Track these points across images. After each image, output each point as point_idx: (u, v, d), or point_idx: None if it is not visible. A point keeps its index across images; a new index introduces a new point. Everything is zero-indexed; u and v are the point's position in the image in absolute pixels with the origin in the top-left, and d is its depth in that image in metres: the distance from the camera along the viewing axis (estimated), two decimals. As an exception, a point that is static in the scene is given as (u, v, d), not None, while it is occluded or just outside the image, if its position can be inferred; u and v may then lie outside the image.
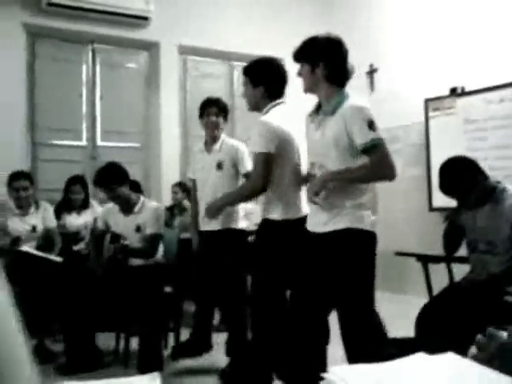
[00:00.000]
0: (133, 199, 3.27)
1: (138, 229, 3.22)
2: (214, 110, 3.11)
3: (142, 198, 3.32)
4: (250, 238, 3.25)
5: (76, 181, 4.09)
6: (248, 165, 2.95)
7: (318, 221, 2.13)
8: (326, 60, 2.11)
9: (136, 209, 3.25)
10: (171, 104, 5.25)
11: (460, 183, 2.43)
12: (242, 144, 3.16)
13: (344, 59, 2.15)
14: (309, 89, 2.20)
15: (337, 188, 2.06)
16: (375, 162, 2.01)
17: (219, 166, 3.01)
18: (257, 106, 2.54)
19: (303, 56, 2.17)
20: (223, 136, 3.16)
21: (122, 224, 3.23)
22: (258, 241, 2.54)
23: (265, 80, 2.50)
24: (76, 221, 4.01)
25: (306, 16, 5.80)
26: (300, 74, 2.20)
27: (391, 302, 4.45)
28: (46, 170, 4.81)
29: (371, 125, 2.00)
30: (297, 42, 2.22)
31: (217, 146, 3.10)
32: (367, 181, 2.08)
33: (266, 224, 2.48)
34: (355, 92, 2.18)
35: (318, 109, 2.20)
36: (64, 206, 4.06)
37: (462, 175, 2.43)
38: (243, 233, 3.16)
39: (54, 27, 4.78)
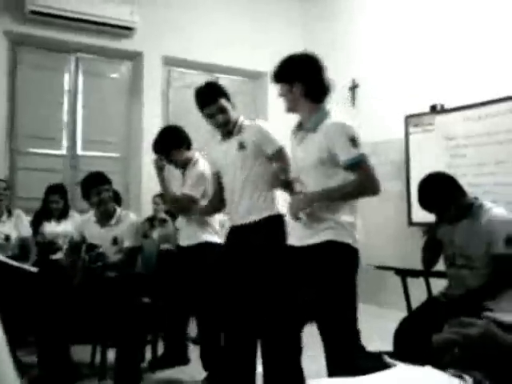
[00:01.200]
0: (111, 210, 3.24)
1: (115, 241, 3.18)
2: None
3: (119, 210, 3.29)
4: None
5: (55, 189, 4.06)
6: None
7: (301, 235, 2.13)
8: (302, 78, 2.14)
9: (113, 220, 3.22)
10: (154, 115, 5.23)
11: (438, 199, 2.47)
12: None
13: (320, 75, 2.17)
14: (290, 108, 2.22)
15: (320, 204, 2.07)
16: (361, 179, 2.03)
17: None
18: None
19: (281, 76, 2.20)
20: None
21: (98, 235, 3.20)
22: (269, 237, 2.50)
23: None
24: (54, 229, 3.96)
25: (291, 31, 5.88)
26: (281, 94, 2.22)
27: (370, 315, 4.47)
28: (24, 178, 4.74)
29: (354, 142, 2.02)
30: (281, 56, 2.25)
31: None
32: (353, 198, 2.10)
33: (274, 220, 2.49)
34: (338, 108, 2.20)
35: (300, 125, 2.22)
36: (43, 215, 4.01)
37: (440, 191, 2.46)
38: (219, 246, 3.12)
39: (37, 35, 4.75)
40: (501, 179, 4.03)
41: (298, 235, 2.17)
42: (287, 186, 2.27)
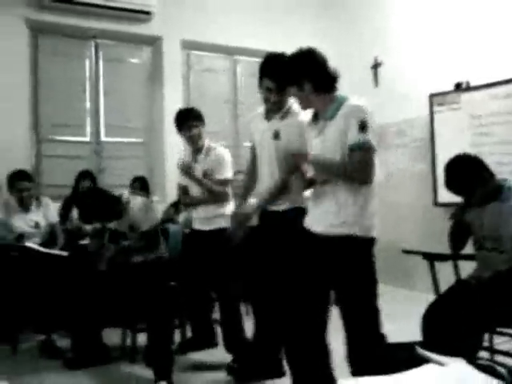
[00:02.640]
0: (123, 205, 3.22)
1: (132, 228, 3.22)
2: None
3: (125, 195, 3.29)
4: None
5: (85, 175, 4.17)
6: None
7: (325, 222, 2.11)
8: (307, 75, 2.12)
9: (126, 211, 3.22)
10: (175, 99, 5.22)
11: (466, 181, 2.44)
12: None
13: (323, 66, 2.15)
14: (305, 106, 2.25)
15: (344, 190, 2.06)
16: (352, 163, 2.01)
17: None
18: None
19: (286, 81, 2.23)
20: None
21: (115, 224, 3.23)
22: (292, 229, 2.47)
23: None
24: None
25: (311, 10, 5.78)
26: (292, 95, 2.25)
27: (397, 298, 4.48)
28: (49, 165, 4.81)
29: (363, 126, 2.00)
30: (301, 36, 2.22)
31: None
32: (339, 177, 2.07)
33: (297, 211, 2.48)
34: (360, 91, 2.18)
35: (316, 117, 2.22)
36: (73, 200, 4.12)
37: (468, 173, 2.43)
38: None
39: (57, 22, 4.76)
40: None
41: (319, 220, 2.15)
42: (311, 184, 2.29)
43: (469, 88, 4.44)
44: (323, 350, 2.18)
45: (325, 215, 2.11)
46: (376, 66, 5.43)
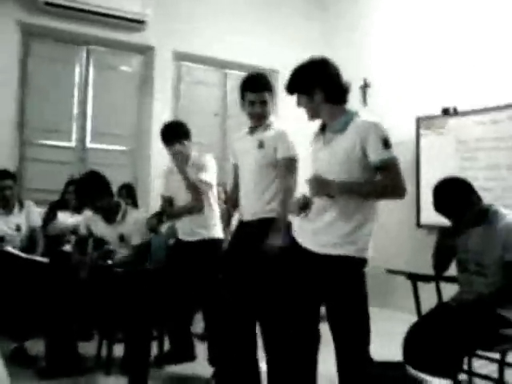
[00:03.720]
0: (114, 208, 3.23)
1: (122, 238, 3.19)
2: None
3: (123, 206, 3.28)
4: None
5: (73, 182, 4.15)
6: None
7: (318, 240, 2.09)
8: (319, 85, 2.11)
9: (118, 217, 3.22)
10: (163, 109, 5.22)
11: (454, 204, 2.46)
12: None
13: (336, 77, 2.14)
14: (312, 116, 2.20)
15: (343, 210, 2.05)
16: (388, 180, 2.01)
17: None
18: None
19: (296, 88, 2.17)
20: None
21: (105, 232, 3.22)
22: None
23: None
24: (66, 221, 3.99)
25: (302, 29, 5.85)
26: (300, 105, 2.20)
27: (379, 318, 4.47)
28: (33, 169, 4.74)
29: (386, 142, 2.00)
30: (291, 54, 2.22)
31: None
32: (377, 197, 2.08)
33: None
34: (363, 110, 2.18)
35: (323, 128, 2.20)
36: (59, 205, 4.09)
37: (457, 196, 2.46)
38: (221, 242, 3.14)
39: (49, 27, 4.74)
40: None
41: (312, 239, 2.13)
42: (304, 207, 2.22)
43: (456, 113, 4.52)
44: (311, 366, 2.16)
45: (319, 232, 2.09)
46: (365, 86, 5.49)
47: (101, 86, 5.12)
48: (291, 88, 2.19)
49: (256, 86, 2.61)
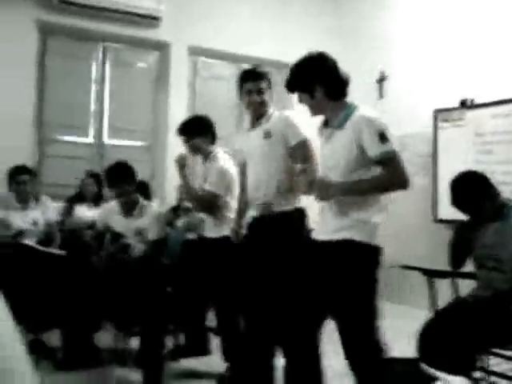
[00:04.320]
0: (136, 201, 3.26)
1: (139, 232, 3.20)
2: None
3: (141, 201, 3.30)
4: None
5: (92, 174, 4.21)
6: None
7: (327, 229, 2.10)
8: (319, 81, 2.09)
9: (136, 211, 3.24)
10: (180, 104, 5.24)
11: (473, 199, 2.43)
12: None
13: (335, 71, 2.12)
14: (315, 112, 2.19)
15: (349, 198, 2.04)
16: (387, 174, 1.99)
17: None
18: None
19: (296, 86, 2.16)
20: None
21: (122, 226, 3.22)
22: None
23: None
24: (84, 214, 4.06)
25: (317, 21, 5.80)
26: (301, 102, 2.19)
27: (393, 314, 4.43)
28: (52, 165, 4.81)
29: (382, 136, 1.98)
30: (306, 47, 2.20)
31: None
32: (381, 191, 2.06)
33: (295, 213, 2.52)
34: (365, 100, 2.16)
35: (326, 123, 2.18)
36: (76, 199, 4.16)
37: (475, 191, 2.42)
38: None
39: (66, 24, 4.79)
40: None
41: (323, 229, 2.14)
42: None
43: (474, 105, 4.44)
44: (315, 348, 2.15)
45: (327, 222, 2.10)
46: (381, 79, 5.43)
47: (117, 82, 5.16)
48: (291, 86, 2.18)
49: (252, 75, 2.69)
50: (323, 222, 2.14)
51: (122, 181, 3.16)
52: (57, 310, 3.19)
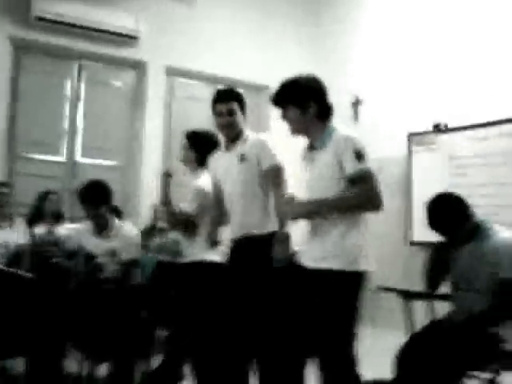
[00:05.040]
0: (108, 221, 3.19)
1: (113, 253, 3.13)
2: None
3: (117, 222, 3.24)
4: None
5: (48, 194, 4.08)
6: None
7: (312, 255, 2.08)
8: (314, 98, 2.11)
9: (111, 232, 3.17)
10: (155, 124, 5.21)
11: (448, 220, 2.44)
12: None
13: (327, 95, 2.17)
14: (298, 131, 2.17)
15: (332, 223, 2.02)
16: (361, 192, 1.99)
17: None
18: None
19: (290, 99, 2.13)
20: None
21: (95, 246, 3.14)
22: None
23: None
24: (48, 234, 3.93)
25: (293, 47, 5.88)
26: (287, 117, 2.16)
27: (368, 336, 4.41)
28: (22, 183, 4.68)
29: (359, 155, 1.99)
30: (283, 70, 2.22)
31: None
32: (349, 210, 2.02)
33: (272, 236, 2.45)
34: (341, 124, 2.17)
35: (311, 147, 2.19)
36: (36, 218, 4.02)
37: (450, 212, 2.44)
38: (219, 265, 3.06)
39: (41, 41, 4.73)
40: (503, 201, 4.01)
41: (308, 255, 2.11)
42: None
43: (447, 129, 4.53)
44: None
45: (310, 247, 2.09)
46: (357, 103, 5.51)
47: (92, 100, 5.10)
48: (283, 99, 2.15)
49: (223, 96, 2.64)
50: (307, 246, 2.12)
51: (97, 201, 3.09)
52: (22, 334, 3.05)
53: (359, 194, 1.99)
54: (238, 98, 2.66)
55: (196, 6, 5.41)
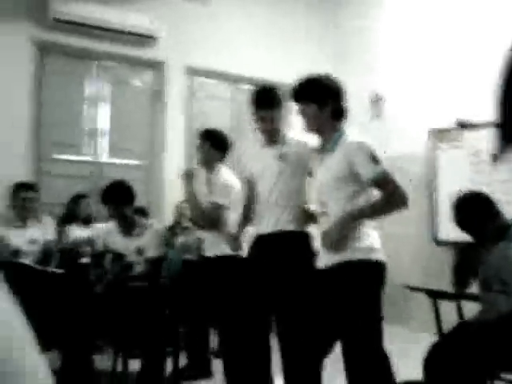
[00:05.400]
0: (135, 221, 3.24)
1: (139, 251, 3.18)
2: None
3: (144, 220, 3.29)
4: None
5: (84, 195, 4.19)
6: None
7: (328, 258, 2.11)
8: (333, 97, 2.15)
9: (137, 231, 3.21)
10: (176, 123, 5.25)
11: (476, 220, 2.44)
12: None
13: (344, 96, 2.20)
14: (315, 128, 2.19)
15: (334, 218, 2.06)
16: (389, 194, 2.02)
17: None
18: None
19: (310, 96, 2.16)
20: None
21: (122, 245, 3.19)
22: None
23: None
24: (80, 234, 4.01)
25: (314, 42, 5.87)
26: (305, 113, 2.18)
27: (395, 337, 4.41)
28: (49, 184, 4.76)
29: (374, 158, 2.03)
30: (303, 67, 2.24)
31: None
32: (384, 213, 2.07)
33: (301, 236, 2.49)
34: (360, 122, 2.20)
35: (322, 146, 2.22)
36: (68, 219, 4.11)
37: (478, 212, 2.44)
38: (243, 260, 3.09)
39: (62, 42, 4.79)
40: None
41: (325, 259, 2.14)
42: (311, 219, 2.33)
43: (470, 125, 4.48)
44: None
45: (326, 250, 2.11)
46: (377, 100, 5.48)
47: (113, 100, 5.15)
48: (303, 94, 2.18)
49: (265, 102, 2.55)
50: (323, 250, 2.15)
51: (120, 200, 3.14)
52: (54, 331, 3.12)
53: (388, 196, 2.02)
54: (279, 102, 2.56)
55: (211, 4, 5.43)
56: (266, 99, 2.55)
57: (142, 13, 4.98)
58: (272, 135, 2.60)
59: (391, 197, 2.02)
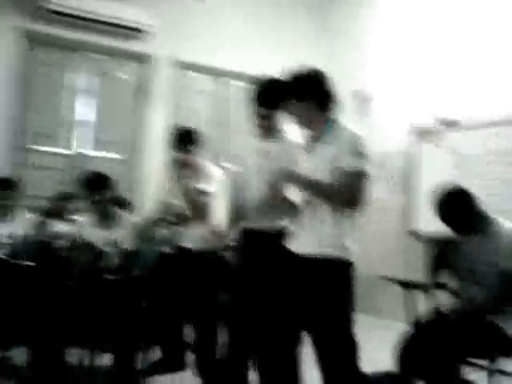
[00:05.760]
0: (112, 211, 3.21)
1: (115, 243, 3.15)
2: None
3: (119, 212, 3.25)
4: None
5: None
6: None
7: (302, 242, 2.09)
8: (317, 90, 2.11)
9: (112, 222, 3.19)
10: (161, 118, 5.23)
11: (459, 214, 2.44)
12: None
13: (330, 86, 2.15)
14: (305, 124, 2.17)
15: (322, 212, 2.03)
16: (342, 187, 1.97)
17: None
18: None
19: (296, 94, 2.13)
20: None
21: (98, 237, 3.16)
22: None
23: None
24: (59, 227, 3.97)
25: (302, 42, 5.87)
26: (292, 112, 2.17)
27: (369, 326, 4.40)
28: (30, 176, 4.72)
29: (359, 153, 1.99)
30: (291, 65, 2.20)
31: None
32: (328, 199, 2.02)
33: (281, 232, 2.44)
34: (347, 118, 2.16)
35: (311, 137, 2.18)
36: (50, 213, 4.06)
37: (461, 206, 2.44)
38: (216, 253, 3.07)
39: (49, 34, 4.76)
40: (508, 199, 3.94)
41: (298, 242, 2.11)
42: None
43: (452, 124, 4.49)
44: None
45: (304, 234, 2.09)
46: (365, 98, 5.48)
47: (100, 93, 5.13)
48: (289, 94, 2.15)
49: (264, 99, 2.54)
50: (298, 235, 2.13)
51: (98, 187, 3.12)
52: (24, 324, 3.06)
53: (345, 191, 1.97)
54: (278, 100, 2.47)
55: (206, 1, 5.41)
56: (264, 96, 2.54)
57: (134, 6, 4.96)
58: (267, 131, 2.59)
59: (346, 193, 1.97)
